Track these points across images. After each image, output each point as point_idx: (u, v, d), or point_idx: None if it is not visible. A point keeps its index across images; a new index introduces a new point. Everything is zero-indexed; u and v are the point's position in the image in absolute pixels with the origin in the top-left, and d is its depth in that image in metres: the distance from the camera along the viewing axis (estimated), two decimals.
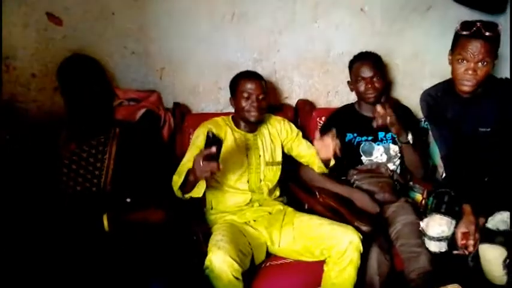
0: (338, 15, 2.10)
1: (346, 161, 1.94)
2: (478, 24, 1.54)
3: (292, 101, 2.16)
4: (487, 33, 1.52)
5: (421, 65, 2.30)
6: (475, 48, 1.53)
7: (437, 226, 1.51)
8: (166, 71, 1.98)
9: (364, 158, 1.92)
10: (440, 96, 1.71)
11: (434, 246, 1.52)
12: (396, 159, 1.95)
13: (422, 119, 2.32)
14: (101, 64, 1.60)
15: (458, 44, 1.60)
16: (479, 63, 1.54)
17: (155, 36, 1.91)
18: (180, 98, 2.01)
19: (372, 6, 2.13)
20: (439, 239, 1.49)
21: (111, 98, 1.65)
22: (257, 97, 1.69)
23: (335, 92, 2.21)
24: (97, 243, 1.37)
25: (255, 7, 1.99)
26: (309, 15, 2.06)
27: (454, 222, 1.52)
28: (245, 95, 1.69)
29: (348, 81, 2.00)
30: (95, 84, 1.51)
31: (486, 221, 1.52)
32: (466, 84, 1.58)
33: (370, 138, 1.92)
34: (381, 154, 1.92)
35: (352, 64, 1.96)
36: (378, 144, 1.92)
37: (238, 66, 2.03)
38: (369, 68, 1.88)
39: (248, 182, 1.71)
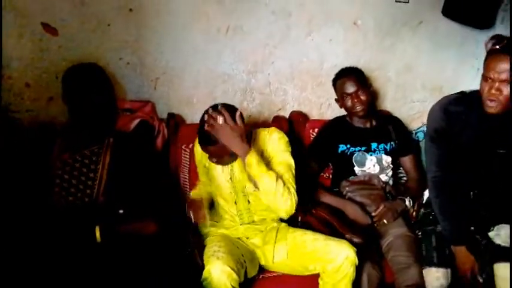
0: (331, 29, 2.13)
1: (340, 172, 1.96)
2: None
3: (286, 113, 2.17)
4: None
5: (413, 78, 2.33)
6: (501, 66, 1.39)
7: (435, 281, 1.50)
8: (161, 81, 1.98)
9: (357, 169, 1.92)
10: (460, 113, 1.57)
11: None
12: (389, 170, 1.96)
13: (414, 131, 2.35)
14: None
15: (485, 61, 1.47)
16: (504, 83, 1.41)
17: (151, 47, 1.92)
18: (175, 109, 2.01)
19: (365, 21, 2.16)
20: None
21: (116, 107, 1.65)
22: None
23: (328, 104, 2.23)
24: (89, 255, 1.36)
25: (249, 21, 2.00)
26: (303, 29, 2.09)
27: (449, 270, 1.52)
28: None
29: (336, 99, 2.01)
30: (103, 93, 1.52)
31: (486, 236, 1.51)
32: (490, 105, 1.46)
33: (363, 148, 1.93)
34: (373, 165, 1.93)
35: (335, 82, 1.97)
36: (371, 155, 1.93)
37: (233, 78, 2.05)
38: (352, 83, 1.89)
39: (236, 203, 1.66)
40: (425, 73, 2.32)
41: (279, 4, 2.03)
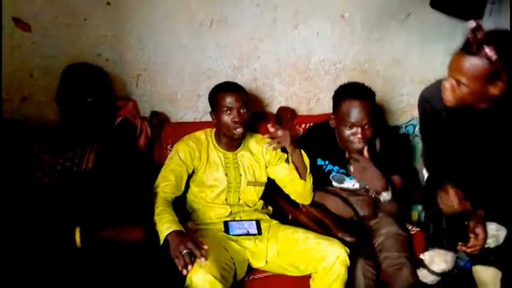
0: (318, 23, 2.08)
1: (318, 183, 1.75)
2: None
3: (273, 109, 2.13)
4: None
5: (402, 71, 2.31)
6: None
7: (443, 263, 1.47)
8: (143, 78, 1.90)
9: (335, 184, 1.81)
10: (432, 98, 1.59)
11: (432, 280, 1.48)
12: None
13: (404, 124, 2.33)
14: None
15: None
16: None
17: (131, 43, 1.84)
18: (158, 106, 1.94)
19: (352, 13, 2.12)
20: (440, 274, 1.46)
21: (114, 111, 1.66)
22: (238, 111, 1.60)
23: (316, 99, 2.19)
24: (68, 260, 1.29)
25: (234, 14, 1.94)
26: (290, 22, 2.04)
27: (455, 256, 1.50)
28: (226, 109, 1.59)
29: (331, 114, 1.71)
30: (107, 95, 1.50)
31: None
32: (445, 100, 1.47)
33: (342, 171, 1.76)
34: (353, 185, 1.80)
35: (340, 97, 1.64)
36: (351, 179, 1.78)
37: (218, 74, 1.99)
38: (364, 112, 1.54)
39: (226, 200, 1.66)
40: (414, 66, 2.30)
41: None
